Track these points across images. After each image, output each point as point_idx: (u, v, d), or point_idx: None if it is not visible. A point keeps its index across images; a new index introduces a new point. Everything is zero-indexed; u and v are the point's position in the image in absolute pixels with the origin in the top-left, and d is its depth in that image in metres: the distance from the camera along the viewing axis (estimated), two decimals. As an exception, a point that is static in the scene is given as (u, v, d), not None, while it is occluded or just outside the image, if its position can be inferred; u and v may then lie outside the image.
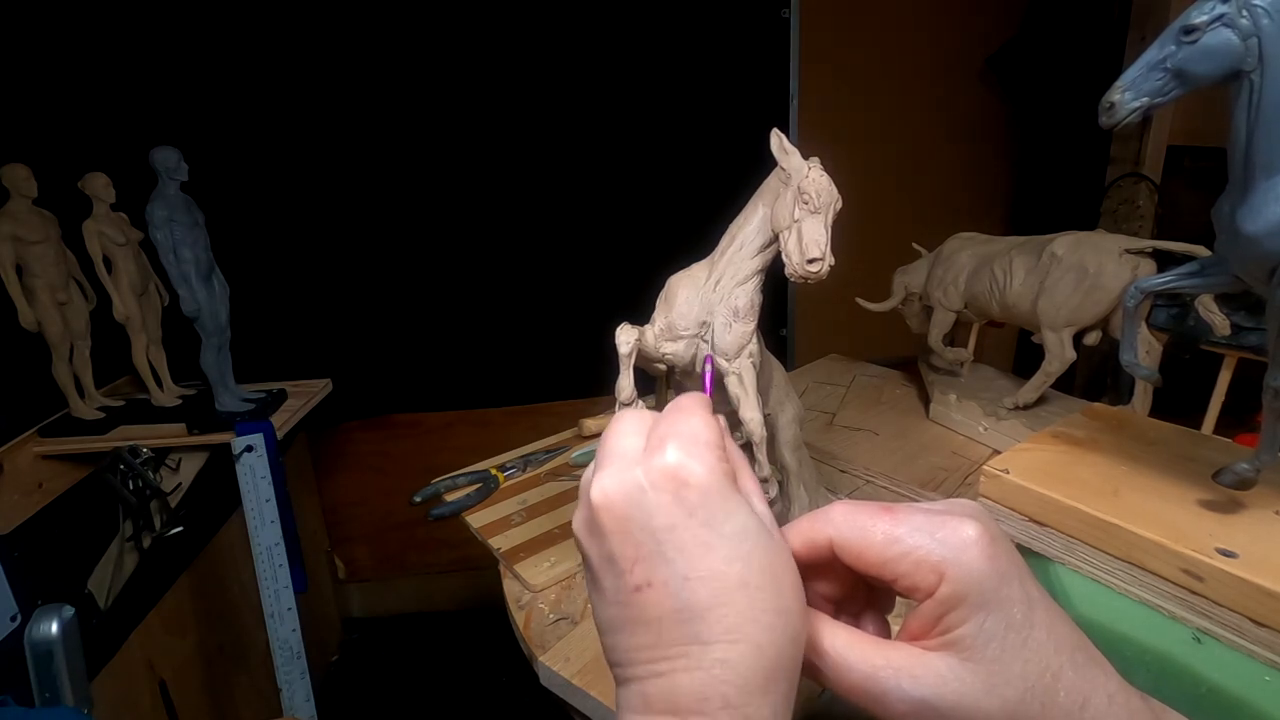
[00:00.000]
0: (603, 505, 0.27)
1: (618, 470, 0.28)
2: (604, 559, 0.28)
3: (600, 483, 0.28)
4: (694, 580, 0.26)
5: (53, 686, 0.68)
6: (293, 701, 1.16)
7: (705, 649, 0.25)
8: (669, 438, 0.28)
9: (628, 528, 0.27)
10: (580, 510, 0.29)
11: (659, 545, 0.26)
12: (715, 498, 0.27)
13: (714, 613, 0.25)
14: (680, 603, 0.26)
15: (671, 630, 0.26)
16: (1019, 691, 0.25)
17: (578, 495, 0.30)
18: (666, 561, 0.26)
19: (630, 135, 1.45)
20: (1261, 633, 0.39)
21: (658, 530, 0.26)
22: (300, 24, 1.30)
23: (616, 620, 0.27)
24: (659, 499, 0.27)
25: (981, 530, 0.26)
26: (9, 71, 1.10)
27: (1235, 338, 0.65)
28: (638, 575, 0.26)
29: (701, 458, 0.27)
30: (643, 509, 0.27)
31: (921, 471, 0.79)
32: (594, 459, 0.31)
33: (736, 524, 0.27)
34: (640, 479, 0.27)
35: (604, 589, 0.28)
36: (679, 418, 0.29)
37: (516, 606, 0.64)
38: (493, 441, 0.93)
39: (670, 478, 0.27)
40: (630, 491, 0.27)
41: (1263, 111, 0.38)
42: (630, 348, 0.56)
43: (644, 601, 0.26)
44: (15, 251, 0.99)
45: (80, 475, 1.07)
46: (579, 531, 0.29)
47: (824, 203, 0.47)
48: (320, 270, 1.45)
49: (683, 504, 0.26)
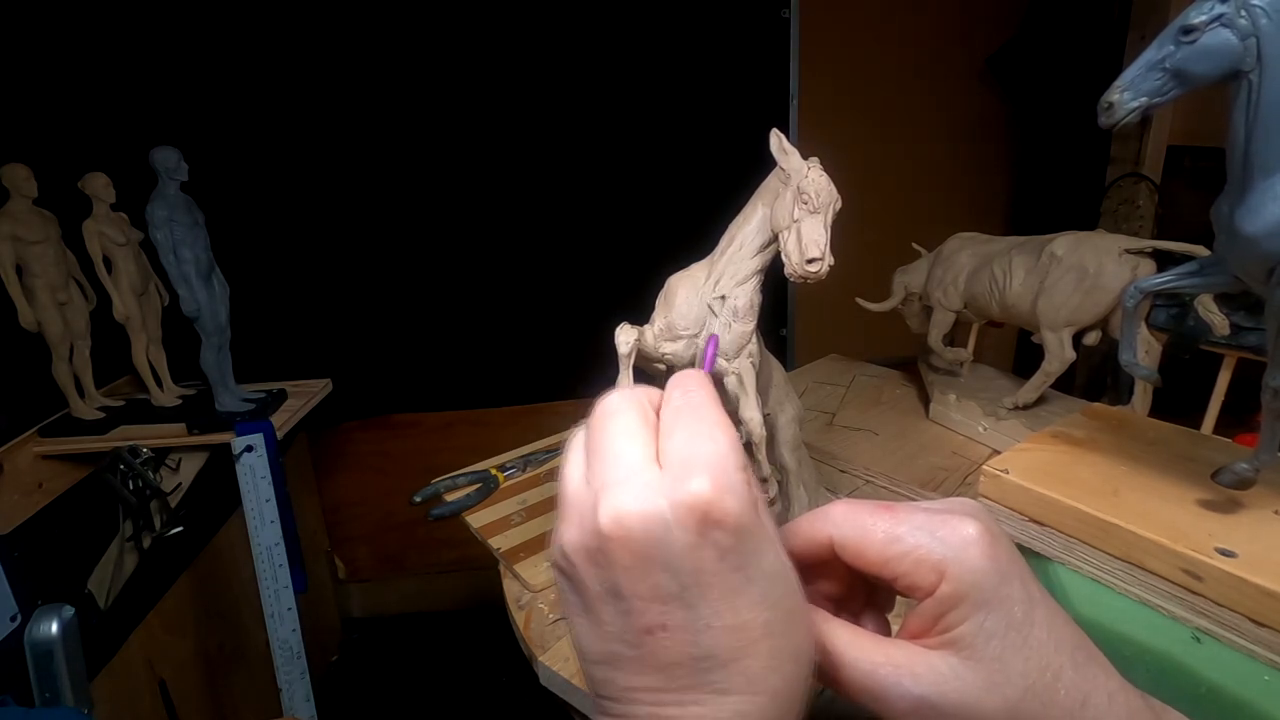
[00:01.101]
0: (617, 536, 0.23)
1: (634, 494, 0.24)
2: (608, 591, 0.24)
3: (612, 506, 0.24)
4: (718, 629, 0.23)
5: (53, 686, 0.68)
6: (293, 701, 1.16)
7: (723, 699, 0.23)
8: (694, 462, 0.24)
9: (646, 565, 0.23)
10: (573, 531, 0.25)
11: (681, 589, 0.23)
12: (747, 537, 0.24)
13: (737, 664, 0.23)
14: (700, 650, 0.23)
15: (685, 676, 0.24)
16: (1019, 690, 0.25)
17: (554, 525, 0.26)
18: (687, 606, 0.23)
19: (630, 135, 1.45)
20: (1261, 632, 0.39)
21: (681, 573, 0.23)
22: (300, 24, 1.30)
23: (615, 656, 0.25)
24: (685, 539, 0.23)
25: (982, 529, 0.26)
26: (9, 71, 1.10)
27: (1235, 338, 0.65)
28: (651, 617, 0.24)
29: (735, 490, 0.24)
30: (665, 548, 0.23)
31: (921, 471, 0.79)
32: (576, 457, 0.27)
33: (766, 565, 0.24)
34: (664, 512, 0.23)
35: (602, 622, 0.25)
36: (699, 428, 0.25)
37: (516, 606, 0.64)
38: (493, 441, 0.93)
39: (701, 518, 0.23)
40: (651, 526, 0.23)
41: (1261, 111, 0.38)
42: (630, 348, 0.56)
43: (656, 645, 0.24)
44: (15, 251, 0.99)
45: (80, 475, 1.07)
46: (572, 554, 0.25)
47: (823, 203, 0.47)
48: (320, 270, 1.45)
49: (714, 546, 0.23)
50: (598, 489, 0.25)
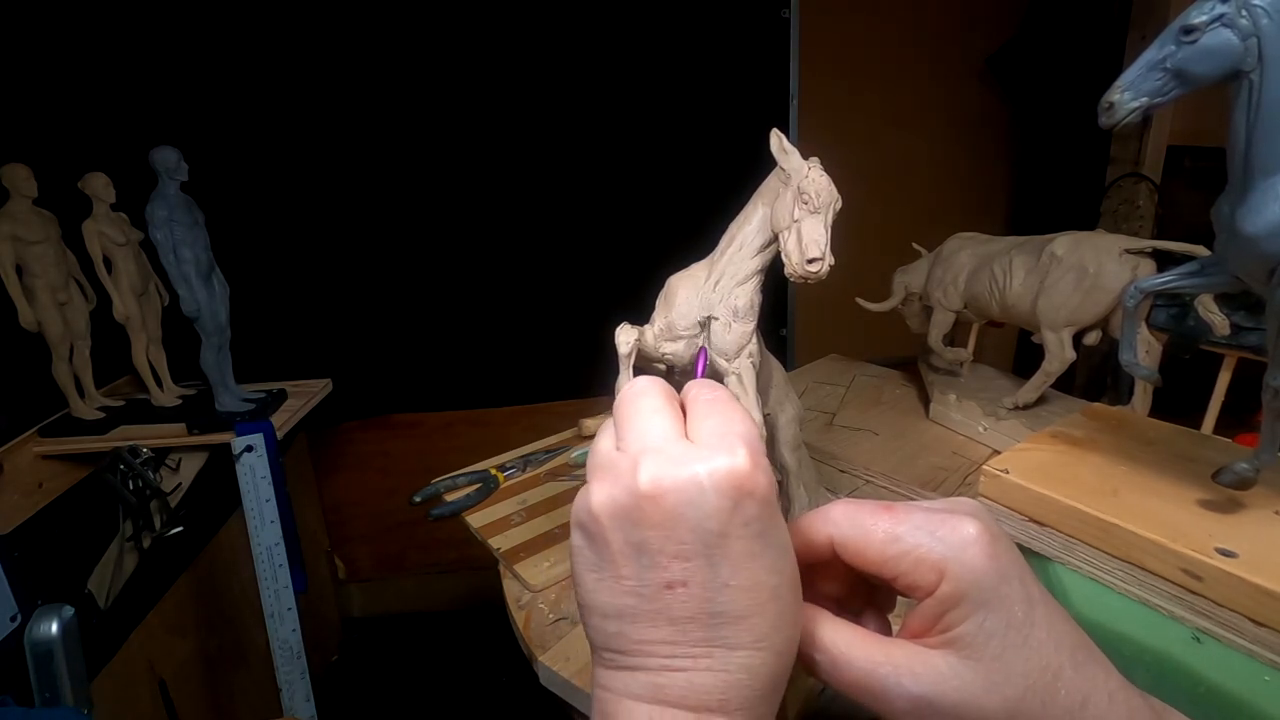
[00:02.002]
0: (652, 495, 0.25)
1: (671, 461, 0.26)
2: (633, 546, 0.26)
3: (650, 470, 0.26)
4: (734, 588, 0.25)
5: (53, 686, 0.68)
6: (293, 701, 1.16)
7: (731, 653, 0.25)
8: (733, 438, 0.26)
9: (676, 525, 0.25)
10: (608, 490, 0.27)
11: (706, 549, 0.25)
12: (769, 510, 0.26)
13: (747, 621, 0.26)
14: (715, 607, 0.25)
15: (698, 631, 0.26)
16: (1019, 689, 0.25)
17: (580, 489, 0.28)
18: (711, 566, 0.25)
19: (630, 135, 1.45)
20: (1261, 632, 0.39)
21: (709, 534, 0.25)
22: (300, 24, 1.30)
23: (629, 610, 0.26)
24: (719, 504, 0.25)
25: (982, 528, 0.26)
26: (9, 71, 1.10)
27: (1235, 338, 0.65)
28: (674, 573, 0.26)
29: (765, 467, 0.26)
30: (699, 509, 0.25)
31: (921, 471, 0.79)
32: (606, 431, 0.29)
33: (780, 537, 0.27)
34: (701, 478, 0.25)
35: (622, 576, 0.26)
36: (728, 412, 0.28)
37: (516, 606, 0.64)
38: (493, 441, 0.93)
39: (736, 486, 0.25)
40: (687, 489, 0.25)
41: (1262, 112, 0.38)
42: (630, 348, 0.56)
43: (673, 599, 0.26)
44: (15, 251, 0.99)
45: (80, 475, 1.07)
46: (600, 511, 0.27)
47: (824, 202, 0.47)
48: (320, 270, 1.45)
49: (741, 513, 0.25)
50: (635, 454, 0.27)
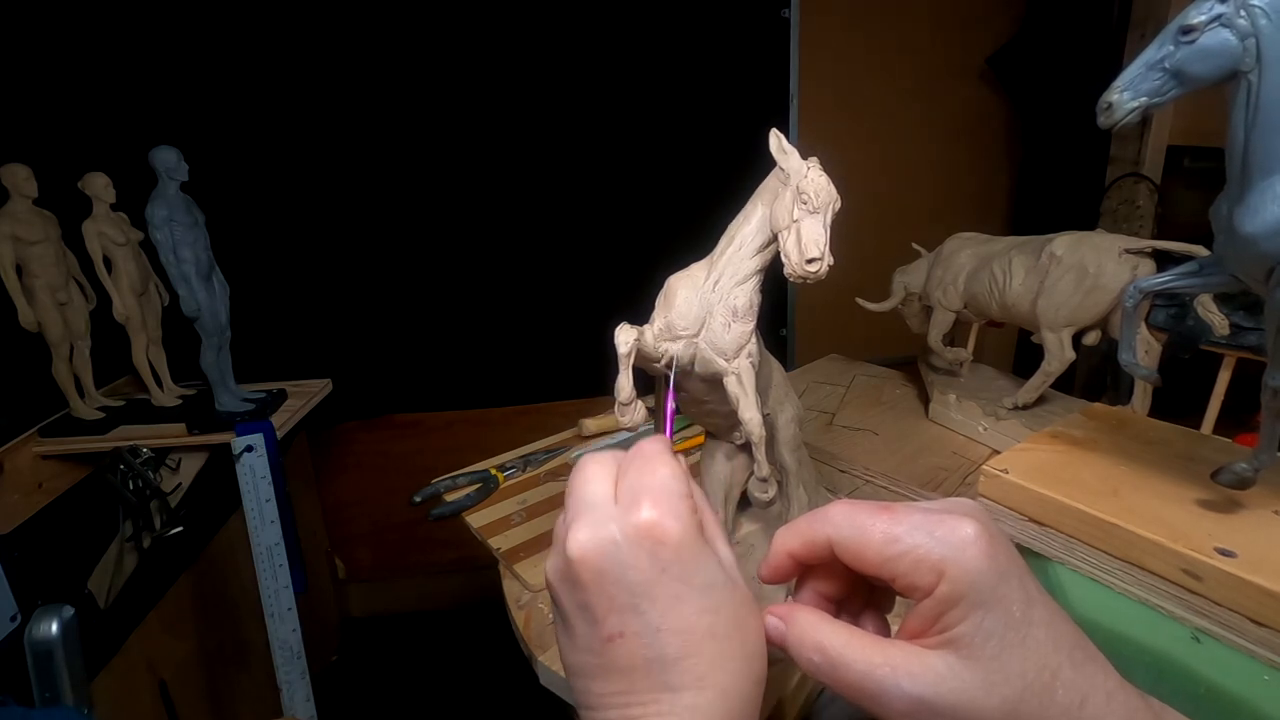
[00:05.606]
0: (579, 559, 0.28)
1: (592, 524, 0.29)
2: (578, 608, 0.29)
3: (576, 536, 0.28)
4: (665, 632, 0.27)
5: (53, 686, 0.68)
6: (293, 701, 1.16)
7: (675, 695, 0.27)
8: (642, 492, 0.29)
9: (602, 581, 0.28)
10: (554, 559, 0.30)
11: (633, 599, 0.28)
12: (688, 553, 0.28)
13: (684, 662, 0.27)
14: (653, 653, 0.27)
15: (643, 678, 0.27)
16: (1017, 689, 0.25)
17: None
18: (639, 614, 0.28)
19: (630, 135, 1.45)
20: (1260, 632, 0.39)
21: (632, 585, 0.28)
22: (300, 24, 1.30)
23: (588, 667, 0.29)
24: (635, 555, 0.28)
25: (980, 529, 0.26)
26: (9, 71, 1.10)
27: (1234, 338, 0.65)
28: (611, 626, 0.28)
29: (675, 513, 0.28)
30: (618, 564, 0.28)
31: (921, 471, 0.79)
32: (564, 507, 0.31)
33: (706, 577, 0.28)
34: (616, 535, 0.28)
35: (576, 635, 0.29)
36: (647, 467, 0.30)
37: (516, 606, 0.64)
38: (493, 441, 0.93)
39: (645, 535, 0.28)
40: (605, 547, 0.28)
41: (1260, 112, 0.38)
42: (629, 348, 0.56)
43: (616, 651, 0.28)
44: (15, 251, 0.99)
45: (80, 475, 1.07)
46: (552, 579, 0.30)
47: (823, 202, 0.47)
48: (320, 270, 1.45)
49: (657, 560, 0.28)
50: (570, 522, 0.30)
